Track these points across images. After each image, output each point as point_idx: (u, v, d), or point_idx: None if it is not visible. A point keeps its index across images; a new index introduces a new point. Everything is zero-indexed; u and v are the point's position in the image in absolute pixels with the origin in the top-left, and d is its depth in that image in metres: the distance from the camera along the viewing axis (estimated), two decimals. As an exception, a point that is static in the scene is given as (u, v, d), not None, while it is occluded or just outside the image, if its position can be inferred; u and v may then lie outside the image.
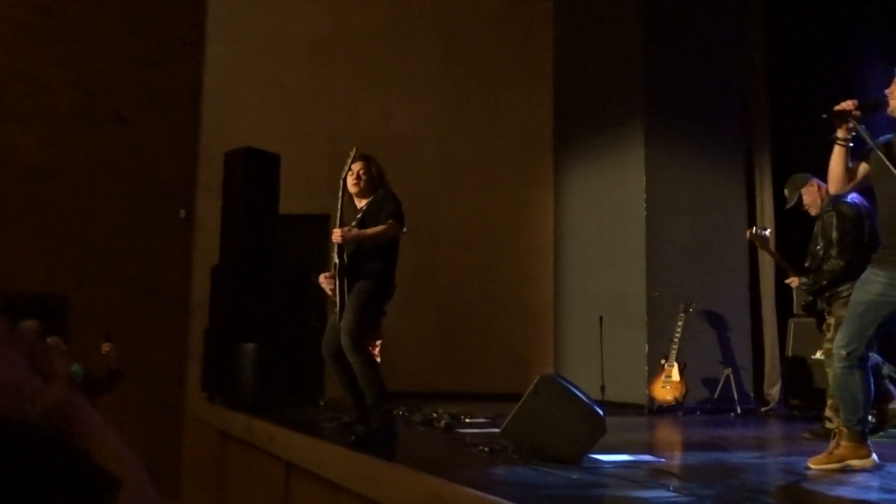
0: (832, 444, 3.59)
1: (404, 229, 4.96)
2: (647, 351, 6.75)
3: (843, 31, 7.32)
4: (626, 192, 7.22)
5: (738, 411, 6.35)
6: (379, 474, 3.55)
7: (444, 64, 8.48)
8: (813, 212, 4.81)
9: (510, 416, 3.60)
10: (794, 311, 6.29)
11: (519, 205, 8.41)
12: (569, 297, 7.90)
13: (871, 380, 3.49)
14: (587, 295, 7.59)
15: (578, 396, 3.63)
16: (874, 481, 3.32)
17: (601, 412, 3.71)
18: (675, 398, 6.27)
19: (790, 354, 6.17)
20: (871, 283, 3.46)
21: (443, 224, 8.25)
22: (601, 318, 7.09)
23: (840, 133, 3.39)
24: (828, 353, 4.52)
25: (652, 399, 6.43)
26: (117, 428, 1.21)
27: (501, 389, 6.40)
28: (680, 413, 6.24)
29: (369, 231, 4.32)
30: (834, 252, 4.54)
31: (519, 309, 8.26)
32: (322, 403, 6.19)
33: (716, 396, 6.57)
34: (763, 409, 6.54)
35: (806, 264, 4.84)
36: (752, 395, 6.82)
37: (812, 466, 3.53)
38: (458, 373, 7.92)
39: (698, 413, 6.36)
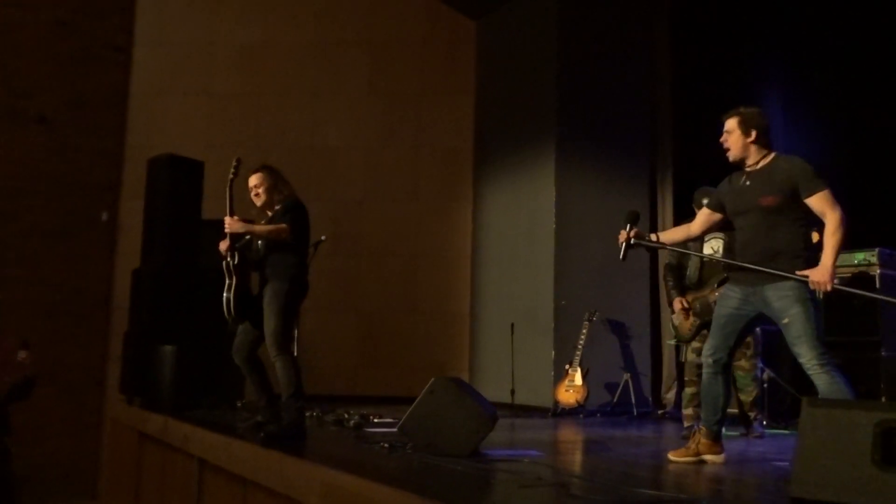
0: (692, 440, 4.01)
1: (322, 237, 5.19)
2: (553, 357, 7.14)
3: (743, 55, 7.89)
4: (537, 206, 7.62)
5: (635, 413, 6.79)
6: (286, 469, 3.80)
7: (372, 78, 8.77)
8: None
9: (407, 415, 3.91)
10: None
11: (440, 216, 8.75)
12: (484, 305, 8.26)
13: (730, 386, 3.92)
14: (501, 303, 7.96)
15: (470, 397, 3.95)
16: (723, 472, 3.75)
17: (491, 411, 4.05)
18: (577, 401, 6.67)
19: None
20: (729, 299, 3.89)
21: (367, 233, 8.54)
22: (512, 325, 7.47)
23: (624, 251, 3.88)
24: (752, 367, 5.11)
25: (556, 402, 6.82)
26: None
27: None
28: (581, 415, 6.64)
29: (258, 227, 4.54)
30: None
31: (437, 316, 8.59)
32: (240, 405, 6.38)
33: (615, 400, 7.01)
34: (659, 412, 6.99)
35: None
36: (650, 398, 7.28)
37: (671, 458, 3.94)
38: (379, 377, 8.20)
39: (598, 415, 6.78)
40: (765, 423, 5.57)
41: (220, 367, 6.43)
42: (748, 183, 3.84)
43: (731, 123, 3.86)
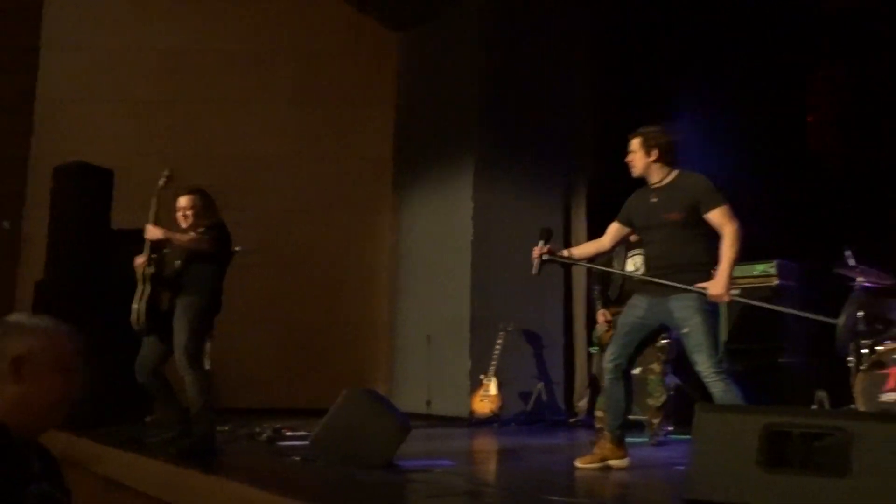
0: (597, 446, 4.14)
1: (237, 248, 5.13)
2: (470, 367, 7.21)
3: (658, 77, 8.18)
4: (456, 218, 7.70)
5: (549, 422, 6.92)
6: (196, 485, 3.75)
7: (296, 88, 8.71)
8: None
9: (319, 427, 3.91)
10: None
11: (363, 226, 8.74)
12: (403, 316, 8.28)
13: (631, 391, 4.06)
14: (419, 314, 8.00)
15: (383, 408, 3.98)
16: (628, 477, 3.88)
17: (405, 422, 4.08)
18: (491, 411, 6.75)
19: (596, 370, 6.81)
20: (635, 308, 4.04)
21: (290, 243, 8.46)
22: (428, 336, 7.52)
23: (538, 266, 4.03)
24: (664, 372, 5.27)
25: (472, 412, 6.89)
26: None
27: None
28: (496, 424, 6.72)
29: (178, 235, 4.47)
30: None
31: (357, 327, 8.57)
32: (148, 420, 6.22)
33: (529, 409, 7.13)
34: (571, 420, 7.15)
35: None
36: (563, 407, 7.43)
37: (578, 465, 4.06)
38: (298, 389, 8.11)
39: (513, 424, 6.87)
40: (670, 428, 5.77)
41: (127, 382, 6.25)
42: (654, 199, 4.01)
43: (635, 143, 4.03)
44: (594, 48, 8.04)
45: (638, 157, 4.00)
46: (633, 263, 5.28)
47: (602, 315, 5.45)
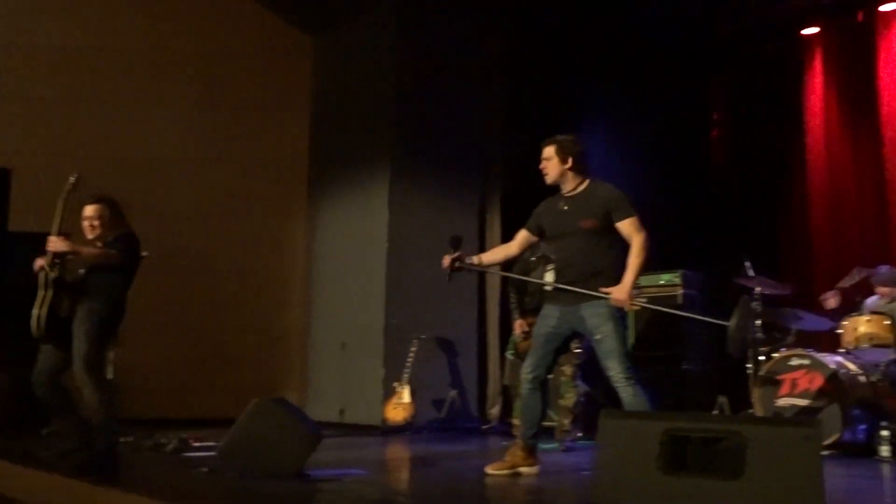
0: (508, 453, 4.19)
1: (145, 253, 4.98)
2: (383, 375, 7.19)
3: (570, 87, 8.37)
4: (370, 225, 7.68)
5: (462, 429, 6.97)
6: (97, 499, 3.61)
7: (203, 89, 8.51)
8: None
9: (226, 438, 3.83)
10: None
11: (273, 232, 8.60)
12: (316, 324, 8.19)
13: (547, 401, 4.14)
14: (333, 322, 7.93)
15: (293, 417, 3.92)
16: (537, 483, 3.95)
17: (316, 431, 4.03)
18: (404, 419, 6.75)
19: (508, 378, 6.89)
20: (547, 318, 4.12)
21: (196, 249, 8.24)
22: (343, 344, 7.47)
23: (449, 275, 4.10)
24: (575, 375, 5.36)
25: (385, 420, 6.87)
26: None
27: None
28: (408, 432, 6.73)
29: (86, 250, 4.32)
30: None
31: (269, 335, 8.42)
32: (46, 432, 5.95)
33: (442, 416, 7.17)
34: (484, 427, 7.21)
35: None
36: (476, 414, 7.50)
37: (489, 472, 4.10)
38: (207, 399, 7.91)
39: (425, 432, 6.89)
40: (580, 434, 5.89)
41: (23, 392, 5.99)
42: (566, 207, 4.10)
43: (550, 151, 4.11)
44: (508, 57, 8.17)
45: (553, 165, 4.08)
46: (550, 277, 5.38)
47: (519, 325, 5.54)
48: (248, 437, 3.80)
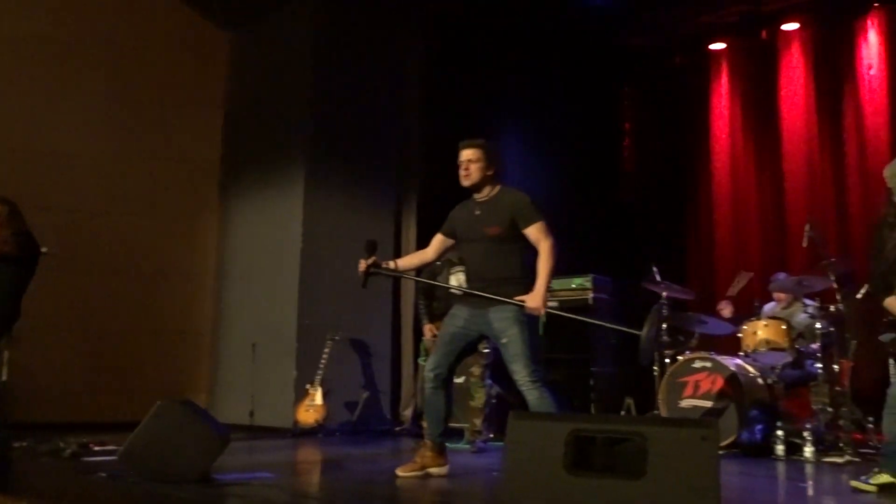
0: (417, 454, 4.20)
1: (44, 250, 4.78)
2: (295, 377, 7.09)
3: (486, 91, 8.46)
4: (285, 225, 7.56)
5: (374, 431, 6.94)
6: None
7: (113, 81, 8.19)
8: None
9: (128, 441, 3.70)
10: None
11: (183, 231, 8.37)
12: (227, 324, 8.02)
13: (451, 400, 4.16)
14: (244, 322, 7.78)
15: (199, 419, 3.82)
16: (446, 484, 3.97)
17: (223, 433, 3.94)
18: (316, 421, 6.67)
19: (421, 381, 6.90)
20: (455, 318, 4.14)
21: (102, 247, 7.94)
22: (254, 344, 7.34)
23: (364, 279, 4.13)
24: (484, 376, 5.38)
25: (296, 422, 6.78)
26: None
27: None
28: (320, 434, 6.66)
29: None
30: None
31: (177, 335, 8.19)
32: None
33: (355, 418, 7.13)
34: (397, 429, 7.20)
35: None
36: (388, 416, 7.48)
37: (399, 474, 4.10)
38: (111, 402, 7.63)
39: (337, 434, 6.83)
40: (491, 435, 5.95)
41: None
42: (477, 212, 4.14)
43: (476, 154, 4.13)
44: (425, 59, 8.20)
45: (477, 169, 4.11)
46: (457, 279, 5.41)
47: (429, 329, 5.56)
48: (150, 440, 3.69)
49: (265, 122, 8.04)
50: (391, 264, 4.22)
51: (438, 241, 4.30)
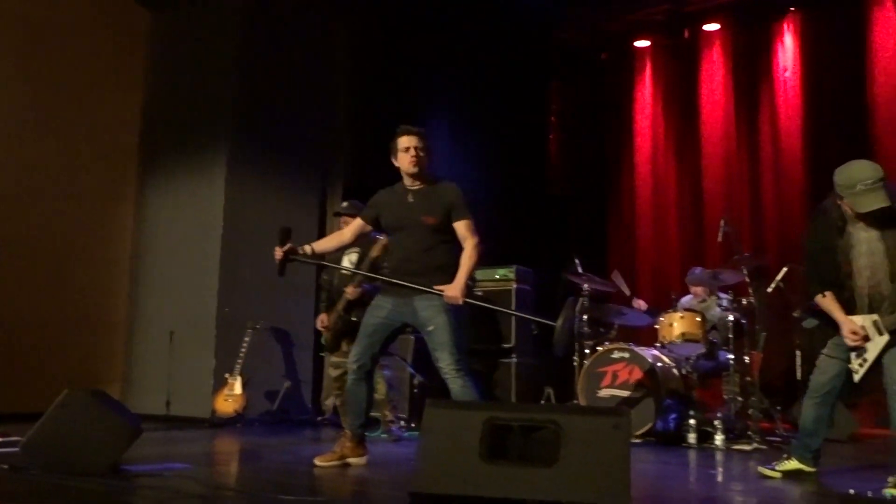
0: (338, 443, 4.17)
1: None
2: (214, 366, 6.95)
3: (415, 80, 8.44)
4: (205, 212, 7.38)
5: (295, 421, 6.87)
6: None
7: (24, 59, 7.82)
8: None
9: (32, 431, 3.56)
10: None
11: (99, 215, 8.07)
12: (143, 313, 7.78)
13: (373, 391, 4.15)
14: (161, 311, 7.56)
15: (109, 409, 3.70)
16: (365, 473, 3.95)
17: (135, 424, 3.83)
18: (235, 411, 6.55)
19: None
20: (379, 309, 4.12)
21: (13, 231, 7.58)
22: (171, 333, 7.16)
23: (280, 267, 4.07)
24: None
25: (214, 412, 6.64)
26: None
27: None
28: (239, 424, 6.54)
29: None
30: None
31: (90, 324, 7.90)
32: None
33: (275, 408, 7.03)
34: (318, 419, 7.14)
35: None
36: (310, 406, 7.41)
37: (318, 463, 4.07)
38: (18, 392, 7.31)
39: (257, 424, 6.73)
40: (413, 425, 5.95)
41: None
42: (411, 200, 4.11)
43: (422, 141, 4.11)
44: (353, 47, 8.13)
45: (424, 156, 4.09)
46: (349, 260, 5.38)
47: (321, 321, 5.53)
48: (56, 430, 3.55)
49: (187, 105, 7.82)
50: (307, 249, 4.15)
51: (358, 226, 4.27)
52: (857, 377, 3.78)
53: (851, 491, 3.27)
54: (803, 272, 4.12)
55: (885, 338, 3.65)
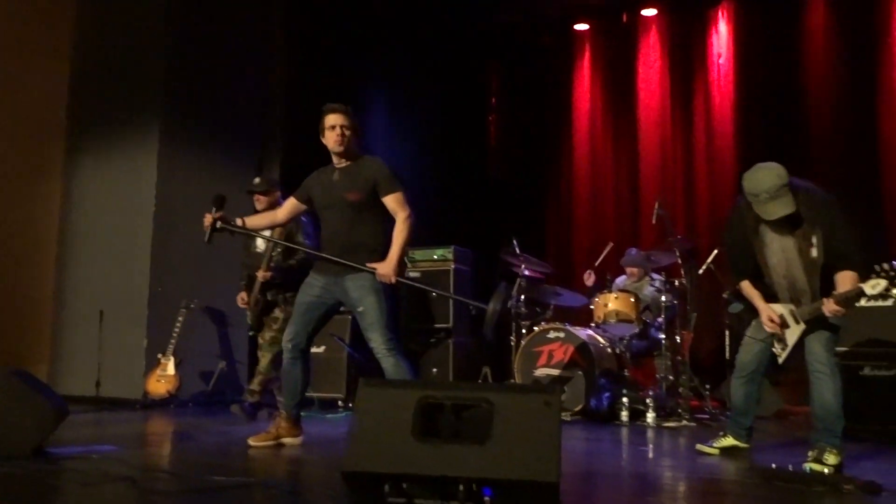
0: (273, 423, 4.13)
1: None
2: (146, 346, 6.81)
3: (353, 57, 8.33)
4: (137, 189, 7.19)
5: (229, 402, 6.75)
6: None
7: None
8: None
9: (-51, 413, 3.43)
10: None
11: (24, 191, 7.78)
12: (70, 291, 7.55)
13: (309, 371, 4.11)
14: (91, 289, 7.35)
15: (32, 390, 3.59)
16: (300, 453, 3.92)
17: (60, 405, 3.72)
18: (168, 391, 6.43)
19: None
20: (311, 287, 4.07)
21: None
22: (101, 312, 6.97)
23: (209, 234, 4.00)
24: (273, 341, 5.23)
25: (146, 393, 6.51)
26: None
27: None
28: (172, 405, 6.42)
29: None
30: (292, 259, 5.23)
31: (14, 302, 7.64)
32: None
33: (210, 388, 6.92)
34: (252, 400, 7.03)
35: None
36: (245, 386, 7.29)
37: (252, 444, 4.03)
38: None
39: (190, 405, 6.62)
40: (351, 405, 5.92)
41: None
42: (337, 178, 4.06)
43: (348, 119, 4.04)
44: (289, 20, 7.98)
45: (351, 134, 4.03)
46: (261, 241, 5.35)
47: (240, 298, 5.47)
48: (-24, 412, 3.43)
49: (116, 77, 7.57)
50: (239, 222, 4.08)
51: (291, 205, 4.21)
52: (780, 360, 3.91)
53: (773, 465, 3.38)
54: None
55: (802, 326, 3.78)
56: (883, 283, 3.46)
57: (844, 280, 3.61)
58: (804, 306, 3.79)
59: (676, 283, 6.13)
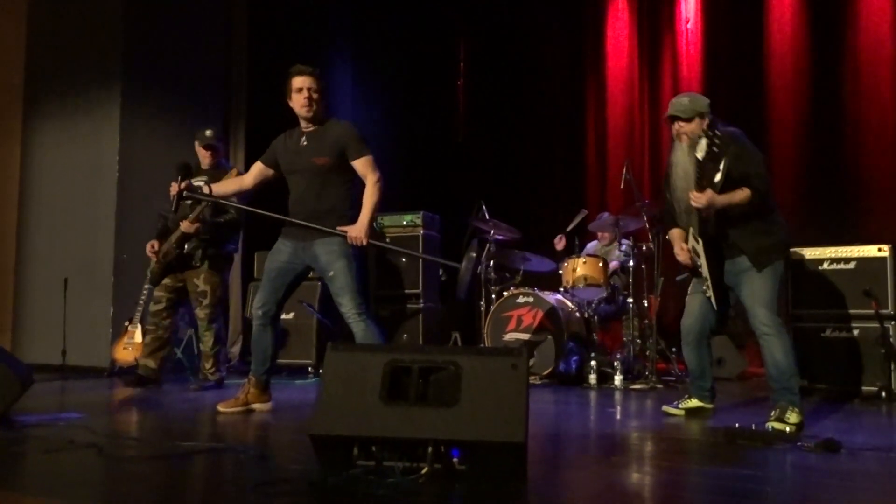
0: (242, 389, 4.12)
1: None
2: (112, 314, 6.73)
3: (318, 16, 8.20)
4: (99, 154, 7.06)
5: (198, 368, 6.71)
6: None
7: None
8: None
9: None
10: (255, 276, 6.98)
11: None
12: (32, 260, 7.43)
13: (279, 337, 4.09)
14: (53, 256, 7.24)
15: (-6, 358, 3.54)
16: (269, 419, 3.92)
17: (24, 373, 3.67)
18: (136, 359, 6.36)
19: (249, 315, 6.73)
20: (279, 253, 4.05)
21: None
22: (66, 280, 6.86)
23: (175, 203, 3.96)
24: (209, 318, 5.28)
25: (113, 361, 6.44)
26: None
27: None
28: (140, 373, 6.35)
29: None
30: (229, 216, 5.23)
31: (-24, 270, 7.52)
32: None
33: (178, 355, 6.86)
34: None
35: None
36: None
37: (221, 410, 4.02)
38: None
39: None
40: (321, 371, 5.90)
41: None
42: (304, 143, 4.02)
43: (317, 83, 3.98)
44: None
45: (318, 98, 3.97)
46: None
47: (150, 246, 5.45)
48: (-64, 381, 3.37)
49: (75, 39, 7.38)
50: (206, 189, 4.03)
51: (258, 170, 4.16)
52: (714, 303, 3.87)
53: (737, 425, 3.45)
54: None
55: (702, 244, 3.75)
56: (704, 142, 3.55)
57: (738, 191, 3.61)
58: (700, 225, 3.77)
59: (644, 247, 6.17)
